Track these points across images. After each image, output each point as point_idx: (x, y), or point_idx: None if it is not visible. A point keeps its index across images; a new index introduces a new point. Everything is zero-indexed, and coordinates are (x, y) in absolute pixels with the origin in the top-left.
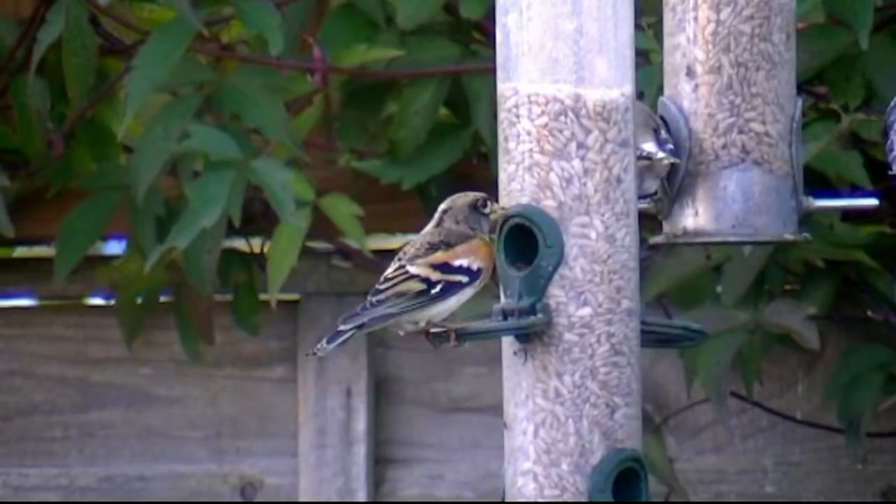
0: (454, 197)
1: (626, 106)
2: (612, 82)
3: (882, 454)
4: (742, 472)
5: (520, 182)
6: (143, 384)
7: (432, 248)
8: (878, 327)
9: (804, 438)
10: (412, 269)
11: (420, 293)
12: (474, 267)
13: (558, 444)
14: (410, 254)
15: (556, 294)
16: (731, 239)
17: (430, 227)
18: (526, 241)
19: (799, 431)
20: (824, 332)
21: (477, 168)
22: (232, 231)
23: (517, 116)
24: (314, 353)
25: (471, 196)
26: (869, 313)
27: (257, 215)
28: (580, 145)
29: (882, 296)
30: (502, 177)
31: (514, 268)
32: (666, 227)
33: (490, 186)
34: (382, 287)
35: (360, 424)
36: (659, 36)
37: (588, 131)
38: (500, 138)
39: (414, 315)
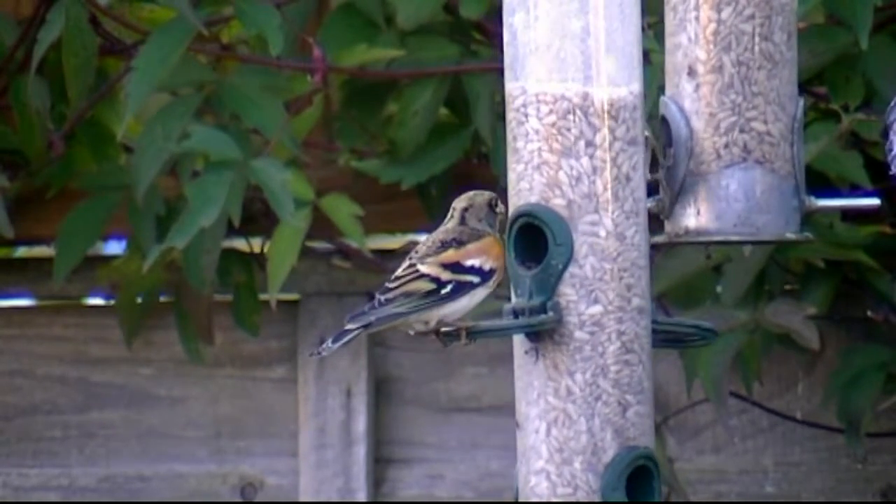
0: (472, 195)
1: (635, 104)
2: (619, 80)
3: (882, 454)
4: (742, 472)
5: (529, 181)
6: (143, 384)
7: (444, 246)
8: (878, 327)
9: (804, 438)
10: (422, 268)
11: (429, 293)
12: (486, 267)
13: (570, 442)
14: (422, 252)
15: (567, 292)
16: (733, 238)
17: (451, 224)
18: (536, 239)
19: (799, 431)
20: (824, 332)
21: (477, 168)
22: (232, 231)
23: (525, 116)
24: (319, 353)
25: (486, 195)
26: (869, 313)
27: (257, 215)
28: (589, 143)
29: (882, 296)
30: (511, 176)
31: (524, 267)
32: (668, 226)
33: (490, 186)
34: (391, 286)
35: (360, 424)
36: (660, 35)
37: (596, 129)
38: (509, 137)
39: (423, 315)
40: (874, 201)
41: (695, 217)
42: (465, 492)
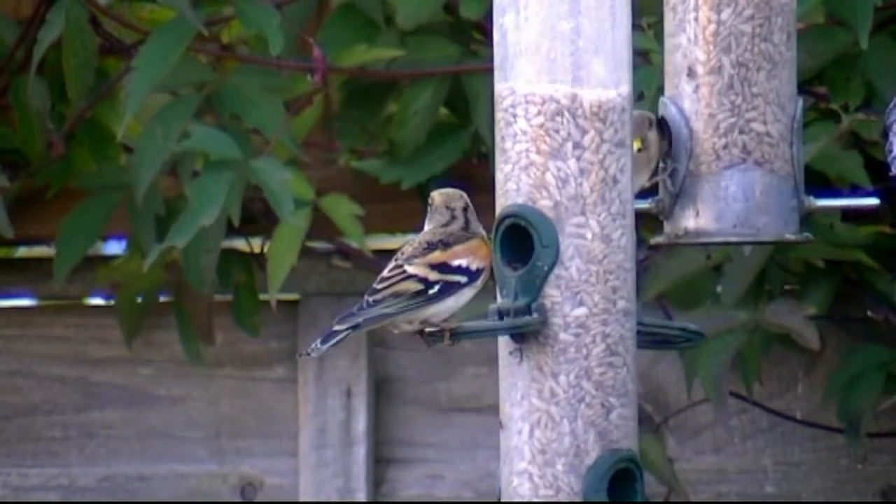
0: (459, 193)
1: (623, 106)
2: (609, 82)
3: (882, 454)
4: (742, 472)
5: (516, 182)
6: (143, 384)
7: (430, 247)
8: (878, 327)
9: (804, 438)
10: (409, 269)
11: (417, 293)
12: (473, 267)
13: (553, 444)
14: (408, 253)
15: (552, 294)
16: (733, 239)
17: (454, 226)
18: (522, 241)
19: (799, 431)
20: (824, 332)
21: (477, 168)
22: (232, 231)
23: (514, 116)
24: (308, 354)
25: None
26: (869, 313)
27: (257, 215)
28: (576, 145)
29: (882, 296)
30: (499, 176)
31: (510, 268)
32: (667, 227)
33: (490, 186)
34: (379, 287)
35: (360, 424)
36: (659, 36)
37: (584, 131)
38: (497, 138)
39: (410, 315)
40: (873, 201)
41: (694, 218)
42: (464, 492)
